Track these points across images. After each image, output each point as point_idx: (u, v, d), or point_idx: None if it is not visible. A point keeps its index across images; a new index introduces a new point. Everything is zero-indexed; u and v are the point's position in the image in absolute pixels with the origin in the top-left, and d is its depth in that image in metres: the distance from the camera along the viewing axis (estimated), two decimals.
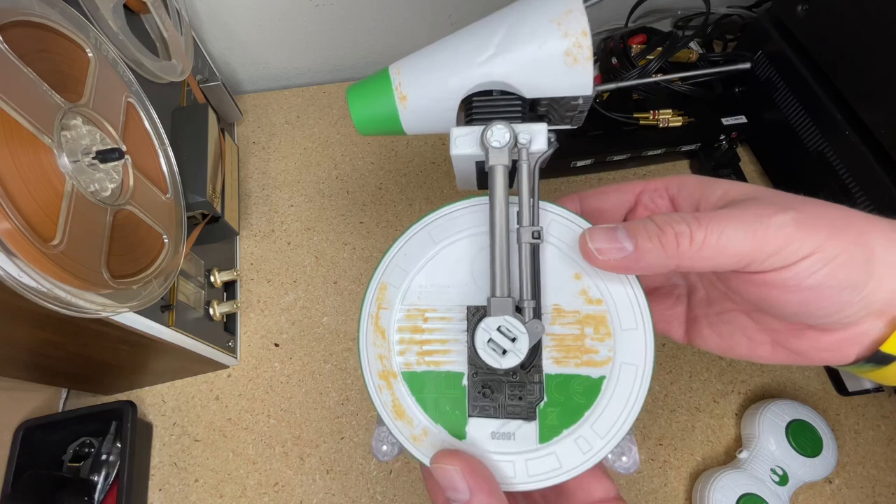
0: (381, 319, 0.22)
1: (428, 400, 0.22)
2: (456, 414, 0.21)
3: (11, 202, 0.25)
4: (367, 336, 0.22)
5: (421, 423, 0.21)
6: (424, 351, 0.22)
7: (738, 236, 0.18)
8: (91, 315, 0.29)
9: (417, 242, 0.23)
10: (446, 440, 0.21)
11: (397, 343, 0.22)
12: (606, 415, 0.20)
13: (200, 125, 0.45)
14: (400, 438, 0.21)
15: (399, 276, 0.22)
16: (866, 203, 0.50)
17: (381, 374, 0.22)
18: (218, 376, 0.51)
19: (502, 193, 0.21)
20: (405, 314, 0.22)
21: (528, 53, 0.22)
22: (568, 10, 0.21)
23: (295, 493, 0.46)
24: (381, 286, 0.23)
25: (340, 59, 0.70)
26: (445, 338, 0.22)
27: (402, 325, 0.22)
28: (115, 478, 0.44)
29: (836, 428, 0.48)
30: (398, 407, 0.22)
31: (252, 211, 0.60)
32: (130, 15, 0.41)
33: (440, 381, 0.22)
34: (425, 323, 0.22)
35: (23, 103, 0.26)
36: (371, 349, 0.22)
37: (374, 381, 0.22)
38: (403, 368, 0.22)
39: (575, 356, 0.21)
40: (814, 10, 0.52)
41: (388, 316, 0.22)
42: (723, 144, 0.61)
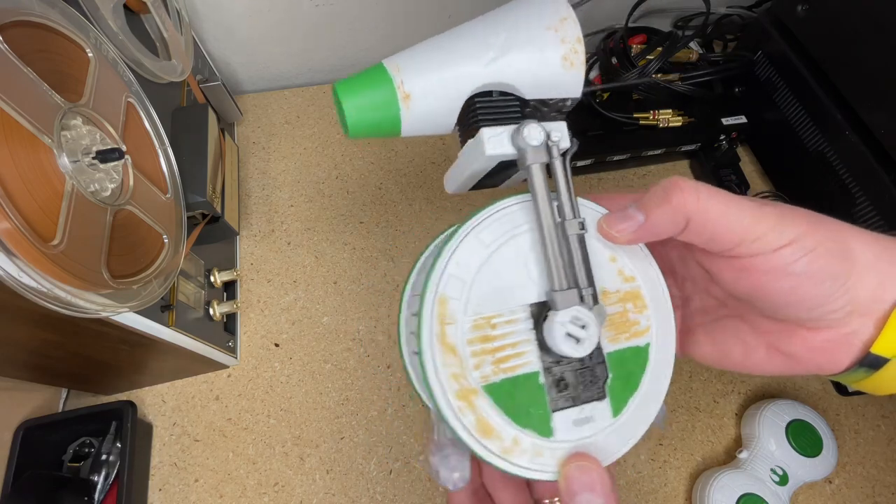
0: (447, 336, 0.21)
1: (512, 407, 0.21)
2: (539, 414, 0.21)
3: (11, 202, 0.25)
4: (436, 357, 0.20)
5: (509, 434, 0.21)
6: (498, 359, 0.21)
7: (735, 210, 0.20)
8: (91, 315, 0.29)
9: (468, 249, 0.21)
10: (537, 442, 0.21)
11: (471, 357, 0.21)
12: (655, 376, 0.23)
13: (200, 125, 0.45)
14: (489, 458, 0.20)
15: (458, 287, 0.21)
16: (866, 203, 0.50)
17: (459, 395, 0.20)
18: (218, 376, 0.51)
19: (545, 190, 0.22)
20: (472, 325, 0.21)
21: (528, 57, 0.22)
22: (563, 19, 0.22)
23: (295, 493, 0.46)
24: (440, 301, 0.21)
25: (340, 59, 0.70)
26: (516, 340, 0.21)
27: (471, 338, 0.21)
28: (115, 478, 0.44)
29: (836, 428, 0.48)
30: (484, 425, 0.20)
31: (252, 211, 0.60)
32: (130, 15, 0.41)
33: (519, 386, 0.21)
34: (493, 330, 0.21)
35: (23, 103, 0.26)
36: (443, 371, 0.20)
37: (452, 405, 0.20)
38: (482, 382, 0.21)
39: (623, 331, 0.23)
40: (814, 10, 0.52)
41: (455, 331, 0.21)
42: (723, 144, 0.61)
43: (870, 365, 0.21)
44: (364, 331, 0.53)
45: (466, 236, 0.22)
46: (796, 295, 0.20)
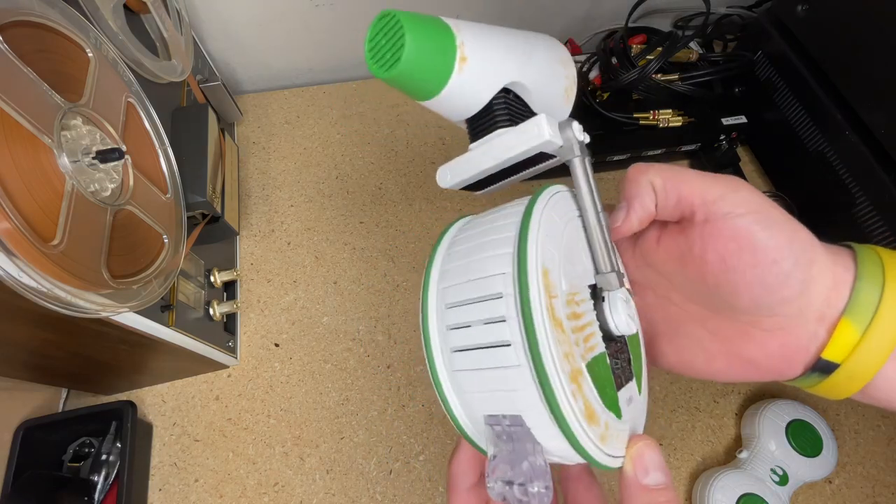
0: (556, 311, 0.18)
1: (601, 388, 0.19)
2: (612, 395, 0.20)
3: (11, 202, 0.25)
4: (550, 336, 0.17)
5: (603, 419, 0.19)
6: (585, 337, 0.20)
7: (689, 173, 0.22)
8: (91, 315, 0.29)
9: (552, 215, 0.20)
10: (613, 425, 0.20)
11: (572, 333, 0.19)
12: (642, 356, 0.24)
13: (200, 125, 0.45)
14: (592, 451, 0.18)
15: (552, 258, 0.19)
16: (866, 203, 0.50)
17: (572, 377, 0.18)
18: (218, 376, 0.51)
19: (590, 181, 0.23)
20: (566, 300, 0.19)
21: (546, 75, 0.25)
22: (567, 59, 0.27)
23: (295, 493, 0.46)
24: (543, 272, 0.18)
25: (340, 59, 0.70)
26: (591, 319, 0.21)
27: (567, 313, 0.19)
28: (115, 478, 0.44)
29: (836, 428, 0.48)
30: (590, 409, 0.18)
31: (252, 211, 0.60)
32: (130, 15, 0.41)
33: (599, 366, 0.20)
34: (577, 307, 0.20)
35: (23, 103, 0.26)
36: (556, 349, 0.17)
37: (566, 388, 0.17)
38: (584, 361, 0.19)
39: None
40: (814, 10, 0.52)
41: (559, 304, 0.18)
42: (723, 144, 0.61)
43: (822, 370, 0.21)
44: (364, 331, 0.53)
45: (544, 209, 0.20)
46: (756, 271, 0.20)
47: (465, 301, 0.20)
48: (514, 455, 0.19)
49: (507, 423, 0.19)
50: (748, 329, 0.23)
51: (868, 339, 0.20)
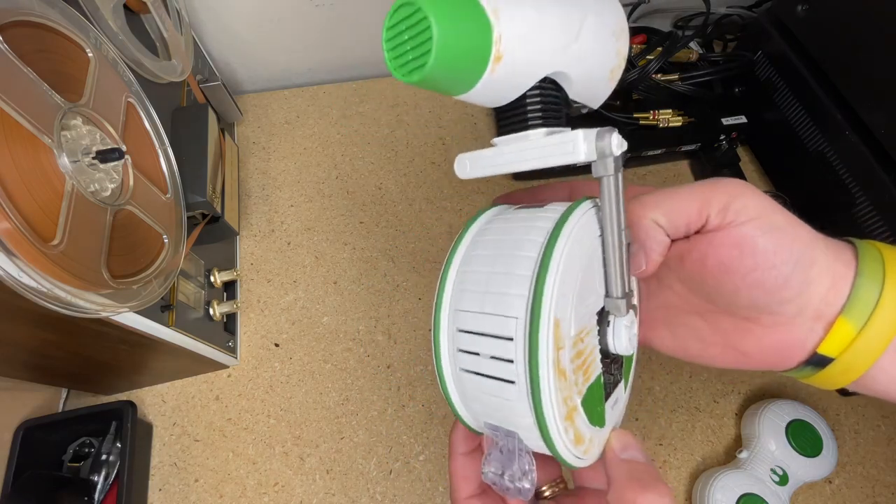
0: (561, 362, 0.19)
1: (591, 412, 0.22)
2: (600, 410, 0.22)
3: (11, 202, 0.25)
4: (552, 385, 0.19)
5: (588, 435, 0.21)
6: (585, 369, 0.21)
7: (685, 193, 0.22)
8: (91, 315, 0.29)
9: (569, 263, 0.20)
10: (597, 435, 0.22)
11: (573, 374, 0.20)
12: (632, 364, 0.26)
13: (200, 125, 0.45)
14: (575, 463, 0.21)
15: (563, 307, 0.19)
16: (866, 203, 0.50)
17: (566, 416, 0.20)
18: (218, 376, 0.51)
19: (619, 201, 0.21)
20: (573, 342, 0.20)
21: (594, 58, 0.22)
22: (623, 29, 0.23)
23: (295, 493, 0.46)
24: (555, 324, 0.19)
25: (340, 59, 0.70)
26: (592, 347, 0.22)
27: (573, 356, 0.20)
28: (115, 478, 0.44)
29: (836, 428, 0.48)
30: (578, 436, 0.21)
31: (252, 211, 0.60)
32: (130, 15, 0.41)
33: (594, 390, 0.22)
34: (582, 343, 0.21)
35: (23, 103, 0.26)
36: (556, 396, 0.19)
37: (559, 427, 0.19)
38: (579, 398, 0.21)
39: None
40: (814, 10, 0.53)
41: (565, 355, 0.20)
42: (723, 144, 0.61)
43: (816, 364, 0.22)
44: (364, 331, 0.53)
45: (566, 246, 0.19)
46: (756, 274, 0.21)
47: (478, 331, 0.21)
48: (507, 456, 0.21)
49: (503, 433, 0.21)
50: (746, 324, 0.23)
51: (864, 335, 0.20)
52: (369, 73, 0.72)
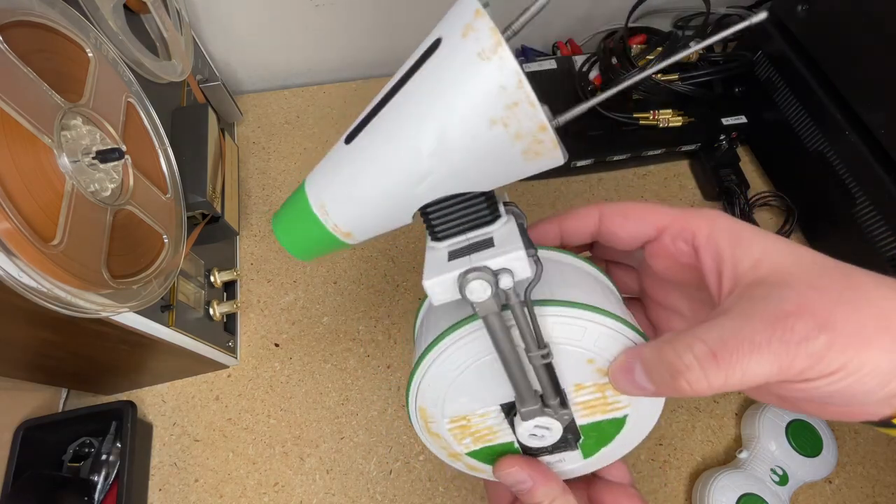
0: (431, 428, 0.25)
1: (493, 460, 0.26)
2: None
3: (11, 202, 0.25)
4: (426, 438, 0.26)
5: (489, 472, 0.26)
6: (478, 437, 0.25)
7: (761, 370, 0.17)
8: (91, 315, 0.29)
9: (439, 369, 0.23)
10: None
11: (452, 438, 0.25)
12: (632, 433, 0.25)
13: (200, 125, 0.45)
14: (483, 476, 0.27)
15: (432, 398, 0.24)
16: (866, 203, 0.50)
17: (449, 455, 0.26)
18: (218, 376, 0.51)
19: (504, 340, 0.20)
20: (449, 421, 0.24)
21: (474, 165, 0.18)
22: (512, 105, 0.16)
23: (295, 493, 0.46)
24: (420, 409, 0.24)
25: (340, 59, 0.70)
26: (490, 425, 0.24)
27: (450, 428, 0.25)
28: (115, 478, 0.44)
29: (836, 428, 0.48)
30: (472, 467, 0.27)
31: (252, 211, 0.60)
32: (130, 15, 0.41)
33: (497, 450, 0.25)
34: (469, 422, 0.24)
35: (23, 103, 0.26)
36: (433, 444, 0.26)
37: (445, 458, 0.26)
38: (465, 450, 0.25)
39: (601, 409, 0.24)
40: (814, 10, 0.52)
41: (437, 426, 0.25)
42: (723, 144, 0.61)
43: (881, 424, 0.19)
44: (364, 331, 0.53)
45: (437, 358, 0.22)
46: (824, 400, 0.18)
47: None
48: None
49: None
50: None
51: None
52: (369, 73, 0.72)
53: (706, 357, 0.17)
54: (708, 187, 0.61)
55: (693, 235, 0.22)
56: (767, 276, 0.19)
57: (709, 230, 0.22)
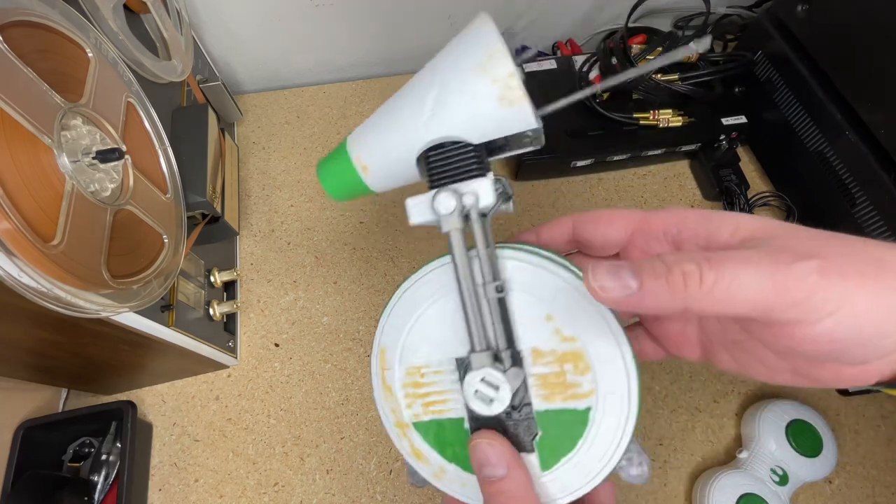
0: (386, 379, 0.25)
1: (439, 444, 0.24)
2: (465, 453, 0.23)
3: (11, 202, 0.25)
4: (379, 393, 0.25)
5: (437, 462, 0.24)
6: (427, 402, 0.24)
7: (754, 281, 0.16)
8: (91, 315, 0.29)
9: (403, 306, 0.24)
10: (462, 476, 0.24)
11: (404, 398, 0.24)
12: (599, 441, 0.22)
13: (200, 125, 0.45)
14: (425, 475, 0.25)
15: (393, 339, 0.24)
16: (866, 203, 0.50)
17: (396, 424, 0.25)
18: (218, 376, 0.51)
19: (462, 255, 0.22)
20: (405, 372, 0.24)
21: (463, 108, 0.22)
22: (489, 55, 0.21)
23: (295, 493, 0.46)
24: (381, 350, 0.25)
25: (340, 59, 0.70)
26: (442, 389, 0.24)
27: (404, 382, 0.24)
28: (115, 478, 0.44)
29: (836, 428, 0.48)
30: (416, 451, 0.25)
31: (252, 211, 0.60)
32: (130, 15, 0.41)
33: (445, 427, 0.24)
34: (422, 378, 0.24)
35: (23, 103, 0.26)
36: (384, 404, 0.25)
37: (393, 430, 0.25)
38: (413, 419, 0.24)
39: (560, 392, 0.22)
40: (814, 10, 0.52)
41: (392, 375, 0.24)
42: (723, 144, 0.61)
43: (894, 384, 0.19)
44: (364, 331, 0.53)
45: (403, 294, 0.24)
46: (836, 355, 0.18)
47: None
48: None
49: None
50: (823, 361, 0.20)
51: None
52: (369, 73, 0.72)
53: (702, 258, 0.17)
54: (708, 187, 0.62)
55: (664, 233, 0.22)
56: (752, 235, 0.19)
57: (677, 221, 0.22)
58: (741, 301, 0.17)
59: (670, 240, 0.22)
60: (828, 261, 0.17)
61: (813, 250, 0.17)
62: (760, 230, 0.19)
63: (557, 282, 0.22)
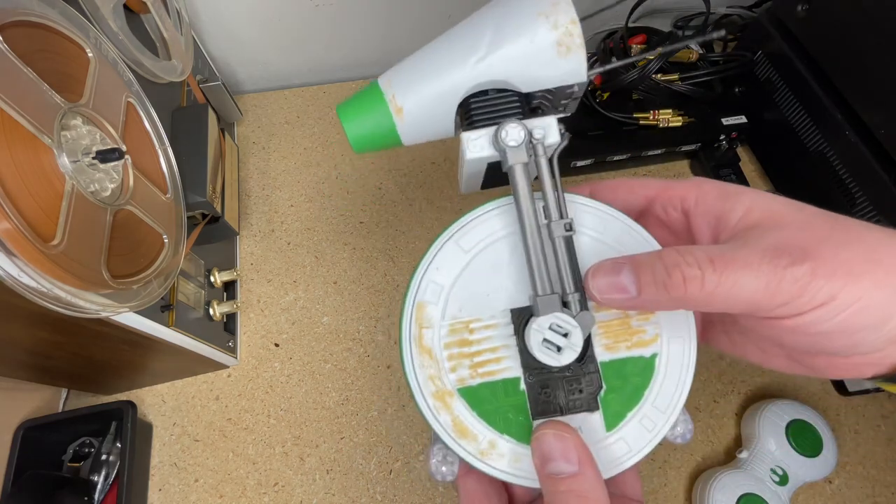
0: (424, 339, 0.21)
1: (489, 412, 0.21)
2: (520, 420, 0.21)
3: (11, 202, 0.25)
4: (414, 359, 0.21)
5: (486, 436, 0.21)
6: (476, 363, 0.21)
7: (751, 286, 0.17)
8: (91, 315, 0.29)
9: (447, 255, 0.22)
10: (516, 449, 0.21)
11: (447, 360, 0.21)
12: (665, 389, 0.21)
13: (200, 125, 0.45)
14: (466, 457, 0.21)
15: (435, 292, 0.22)
16: (866, 203, 0.50)
17: (435, 396, 0.21)
18: (218, 376, 0.51)
19: (527, 191, 0.21)
20: (448, 329, 0.21)
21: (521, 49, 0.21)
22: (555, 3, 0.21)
23: (295, 493, 0.46)
24: (417, 306, 0.22)
25: (340, 59, 0.70)
26: (495, 345, 0.21)
27: (448, 342, 0.21)
28: (115, 478, 0.44)
29: (836, 428, 0.48)
30: (460, 426, 0.21)
31: (252, 211, 0.60)
32: (130, 15, 0.41)
33: (498, 391, 0.21)
34: (471, 335, 0.21)
35: (23, 103, 0.26)
36: (420, 372, 0.21)
37: (429, 404, 0.21)
38: (458, 385, 0.21)
39: (625, 339, 0.21)
40: (814, 10, 0.52)
41: (432, 335, 0.21)
42: (723, 144, 0.61)
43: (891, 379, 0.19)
44: (364, 331, 0.53)
45: (446, 243, 0.22)
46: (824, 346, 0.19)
47: None
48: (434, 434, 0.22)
49: None
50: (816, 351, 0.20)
51: None
52: (369, 73, 0.72)
53: (705, 260, 0.18)
54: None
55: (682, 200, 0.22)
56: (759, 221, 0.20)
57: (697, 193, 0.22)
58: (737, 302, 0.17)
59: (685, 208, 0.22)
60: (820, 262, 0.17)
61: (811, 249, 0.18)
62: (769, 218, 0.20)
63: (619, 225, 0.22)
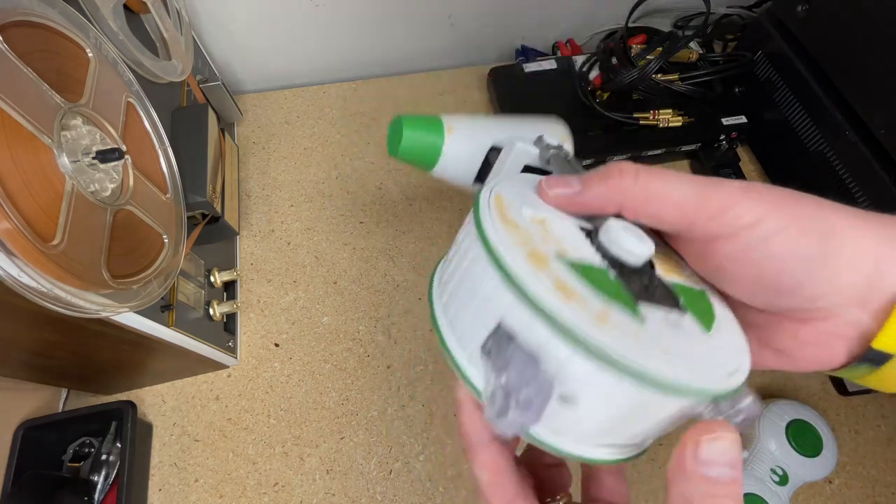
0: (509, 214, 0.18)
1: (593, 281, 0.17)
2: (625, 296, 0.18)
3: (11, 202, 0.25)
4: (500, 229, 0.17)
5: (596, 304, 0.16)
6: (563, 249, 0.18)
7: (682, 189, 0.18)
8: (91, 315, 0.29)
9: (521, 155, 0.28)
10: (628, 322, 0.16)
11: (536, 234, 0.18)
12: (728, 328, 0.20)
13: (200, 125, 0.45)
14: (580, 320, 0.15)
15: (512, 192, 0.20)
16: (866, 203, 0.50)
17: (530, 256, 0.17)
18: (218, 376, 0.51)
19: None
20: (530, 219, 0.19)
21: None
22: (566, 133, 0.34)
23: (295, 493, 0.46)
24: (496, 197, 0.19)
25: (340, 59, 0.70)
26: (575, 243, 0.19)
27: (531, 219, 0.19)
28: (115, 478, 0.44)
29: (836, 428, 0.48)
30: (564, 287, 0.16)
31: (252, 211, 0.60)
32: (130, 15, 0.41)
33: (593, 273, 0.18)
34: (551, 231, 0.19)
35: (23, 103, 0.26)
36: (508, 237, 0.17)
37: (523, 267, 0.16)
38: (553, 253, 0.18)
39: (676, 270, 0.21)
40: (814, 10, 0.52)
41: (511, 210, 0.19)
42: (723, 144, 0.61)
43: (872, 361, 0.18)
44: (364, 331, 0.53)
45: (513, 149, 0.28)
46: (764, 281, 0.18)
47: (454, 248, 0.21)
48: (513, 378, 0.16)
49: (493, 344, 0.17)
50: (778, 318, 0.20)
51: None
52: (369, 73, 0.72)
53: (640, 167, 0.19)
54: None
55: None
56: None
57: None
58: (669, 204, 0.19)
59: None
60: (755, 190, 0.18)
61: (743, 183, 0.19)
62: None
63: None
